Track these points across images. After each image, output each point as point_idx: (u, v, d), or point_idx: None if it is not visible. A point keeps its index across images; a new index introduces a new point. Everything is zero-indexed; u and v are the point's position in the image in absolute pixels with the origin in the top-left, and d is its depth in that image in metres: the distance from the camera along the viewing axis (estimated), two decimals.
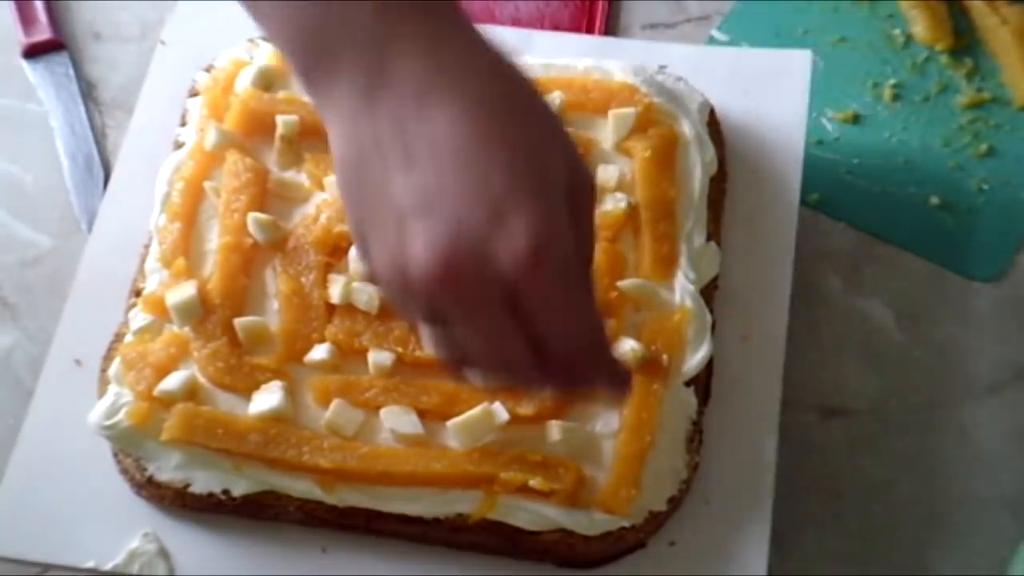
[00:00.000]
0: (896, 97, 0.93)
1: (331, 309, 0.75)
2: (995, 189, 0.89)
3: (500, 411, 0.70)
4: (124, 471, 0.73)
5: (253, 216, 0.77)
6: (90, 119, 0.95)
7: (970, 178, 0.90)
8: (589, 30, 0.97)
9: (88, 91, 0.97)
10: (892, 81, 0.94)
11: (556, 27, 0.97)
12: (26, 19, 0.99)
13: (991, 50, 0.95)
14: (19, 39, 0.98)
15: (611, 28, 0.98)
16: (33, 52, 0.98)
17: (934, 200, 0.89)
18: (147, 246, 0.80)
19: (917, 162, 0.91)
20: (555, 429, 0.70)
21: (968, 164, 0.90)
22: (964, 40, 0.96)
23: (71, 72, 0.97)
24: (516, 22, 0.97)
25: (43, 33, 0.98)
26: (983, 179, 0.90)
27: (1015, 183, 0.89)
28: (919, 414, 0.81)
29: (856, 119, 0.93)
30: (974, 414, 0.81)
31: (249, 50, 0.86)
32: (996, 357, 0.83)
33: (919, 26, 0.96)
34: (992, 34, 0.95)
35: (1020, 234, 0.88)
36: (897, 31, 0.96)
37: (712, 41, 0.97)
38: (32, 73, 0.97)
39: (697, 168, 0.80)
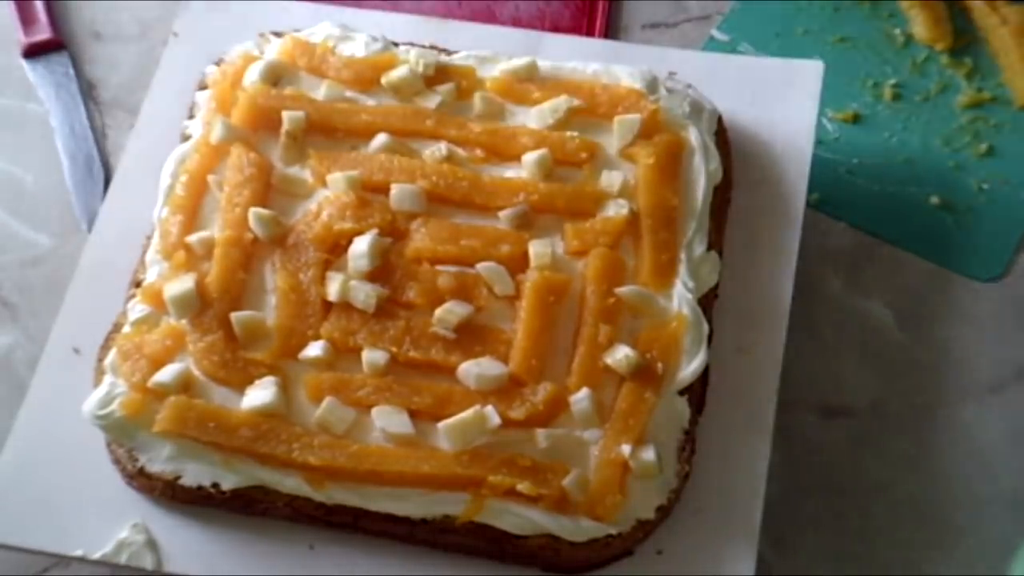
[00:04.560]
0: (896, 97, 0.93)
1: (328, 306, 0.75)
2: (995, 189, 0.89)
3: (492, 415, 0.70)
4: (116, 461, 0.73)
5: (254, 211, 0.76)
6: (90, 119, 0.95)
7: (970, 178, 0.90)
8: (590, 30, 0.97)
9: (88, 91, 0.97)
10: (892, 81, 0.94)
11: (556, 27, 0.97)
12: (26, 19, 0.99)
13: (991, 50, 0.95)
14: (19, 39, 0.98)
15: (611, 28, 0.98)
16: (33, 52, 0.98)
17: (934, 200, 0.89)
18: (150, 237, 0.79)
19: (917, 162, 0.90)
20: (542, 436, 0.70)
21: (968, 164, 0.90)
22: (964, 40, 0.96)
23: (71, 72, 0.97)
24: (516, 22, 0.97)
25: (43, 33, 0.98)
26: (983, 179, 0.90)
27: (1015, 183, 0.89)
28: (919, 414, 0.81)
29: (856, 119, 0.93)
30: (975, 414, 0.81)
31: (259, 44, 0.86)
32: (996, 357, 0.83)
33: (919, 26, 0.95)
34: (992, 34, 0.94)
35: (1020, 234, 0.87)
36: (897, 31, 0.96)
37: (712, 40, 0.97)
38: (32, 73, 0.97)
39: (701, 176, 0.79)
